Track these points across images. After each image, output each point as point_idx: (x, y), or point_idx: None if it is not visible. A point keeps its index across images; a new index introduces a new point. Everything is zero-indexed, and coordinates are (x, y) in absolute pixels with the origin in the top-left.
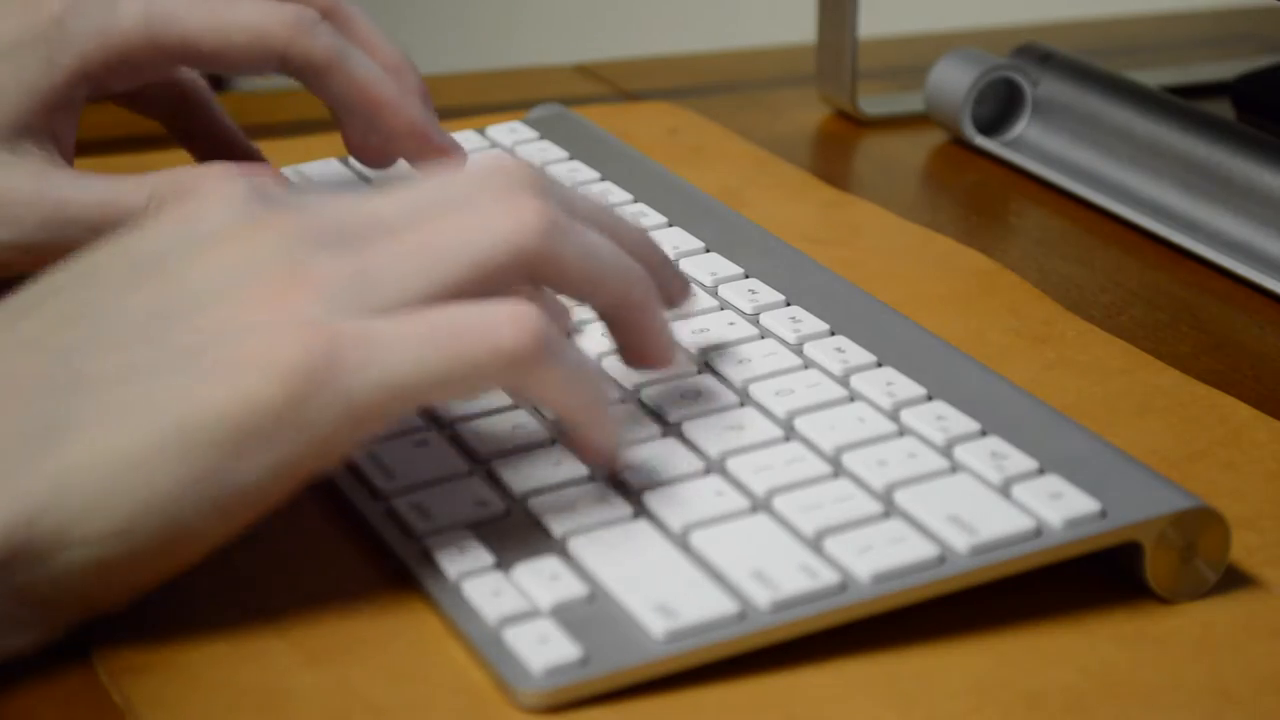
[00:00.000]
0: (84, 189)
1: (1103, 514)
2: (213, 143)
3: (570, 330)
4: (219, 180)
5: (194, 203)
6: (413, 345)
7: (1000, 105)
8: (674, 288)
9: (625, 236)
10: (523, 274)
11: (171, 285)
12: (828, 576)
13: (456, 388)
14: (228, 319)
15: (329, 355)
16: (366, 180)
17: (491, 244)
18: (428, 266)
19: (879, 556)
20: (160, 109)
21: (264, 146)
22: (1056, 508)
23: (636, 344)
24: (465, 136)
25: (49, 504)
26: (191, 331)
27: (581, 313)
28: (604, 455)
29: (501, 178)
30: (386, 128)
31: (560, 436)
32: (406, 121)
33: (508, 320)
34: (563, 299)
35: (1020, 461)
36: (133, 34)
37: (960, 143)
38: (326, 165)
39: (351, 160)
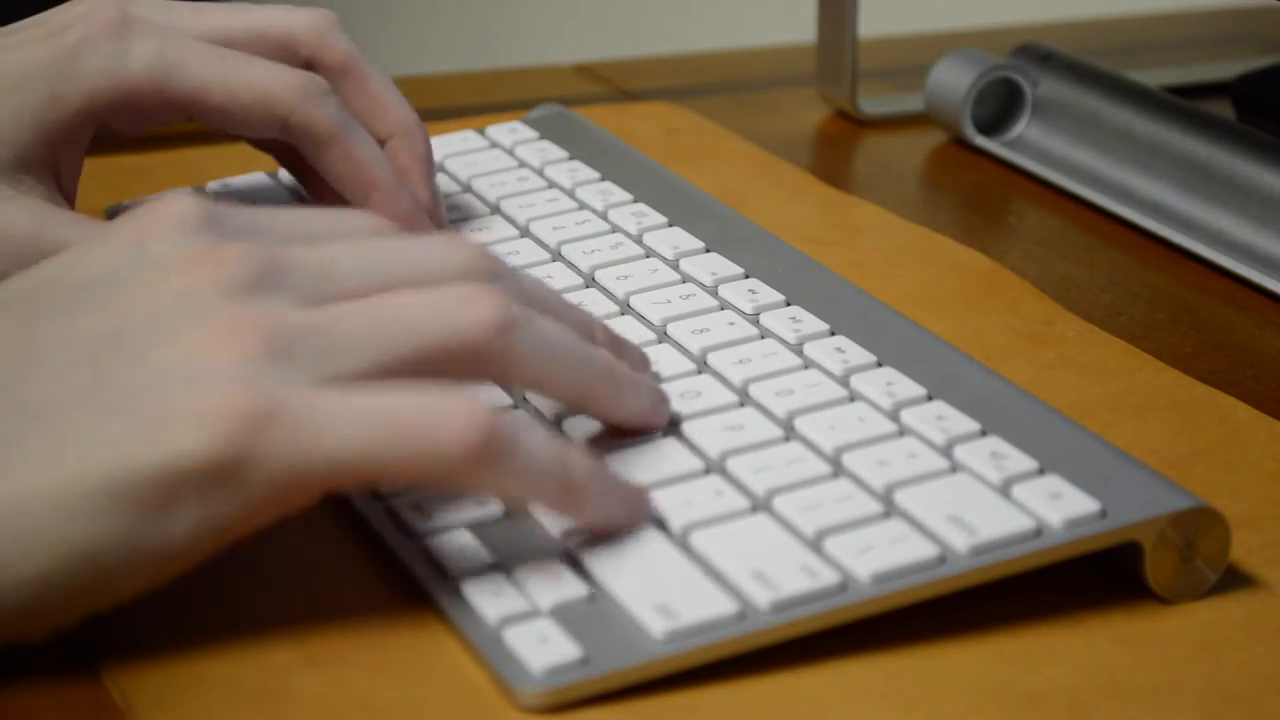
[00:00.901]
0: (83, 234)
1: (1103, 514)
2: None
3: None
4: (172, 202)
5: (145, 223)
6: (352, 428)
7: (1000, 105)
8: (629, 359)
9: (573, 319)
10: (473, 367)
11: (118, 313)
12: (828, 576)
13: (393, 476)
14: (172, 360)
15: (266, 424)
16: (299, 195)
17: (445, 331)
18: (379, 340)
19: (879, 556)
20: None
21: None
22: (1056, 508)
23: (616, 424)
24: (465, 136)
25: None
26: (134, 367)
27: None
28: (601, 527)
29: (462, 259)
30: (377, 210)
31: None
32: (396, 210)
33: (452, 420)
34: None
35: (1020, 461)
36: (141, 79)
37: (960, 143)
38: (254, 179)
39: (281, 174)
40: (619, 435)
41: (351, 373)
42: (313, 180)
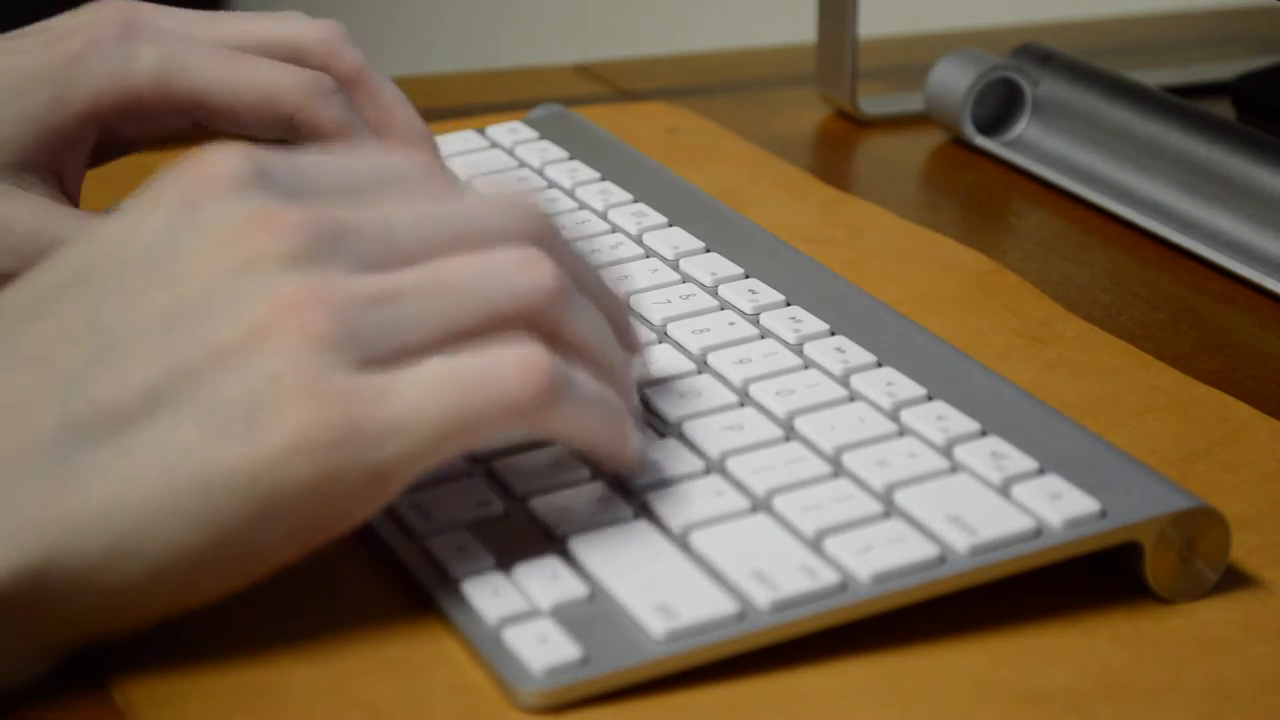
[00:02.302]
0: (85, 230)
1: (1103, 514)
2: None
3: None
4: (217, 158)
5: (193, 183)
6: (428, 407)
7: (1000, 105)
8: (630, 342)
9: (606, 300)
10: (525, 327)
11: (178, 289)
12: (828, 576)
13: (473, 441)
14: (244, 344)
15: (351, 428)
16: None
17: (505, 299)
18: (442, 312)
19: (879, 556)
20: None
21: None
22: (1056, 508)
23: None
24: (465, 136)
25: (67, 549)
26: (206, 354)
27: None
28: (624, 469)
29: (521, 222)
30: None
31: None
32: None
33: (515, 370)
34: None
35: (1020, 461)
36: (145, 81)
37: (960, 143)
38: None
39: None
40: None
41: (418, 345)
42: None
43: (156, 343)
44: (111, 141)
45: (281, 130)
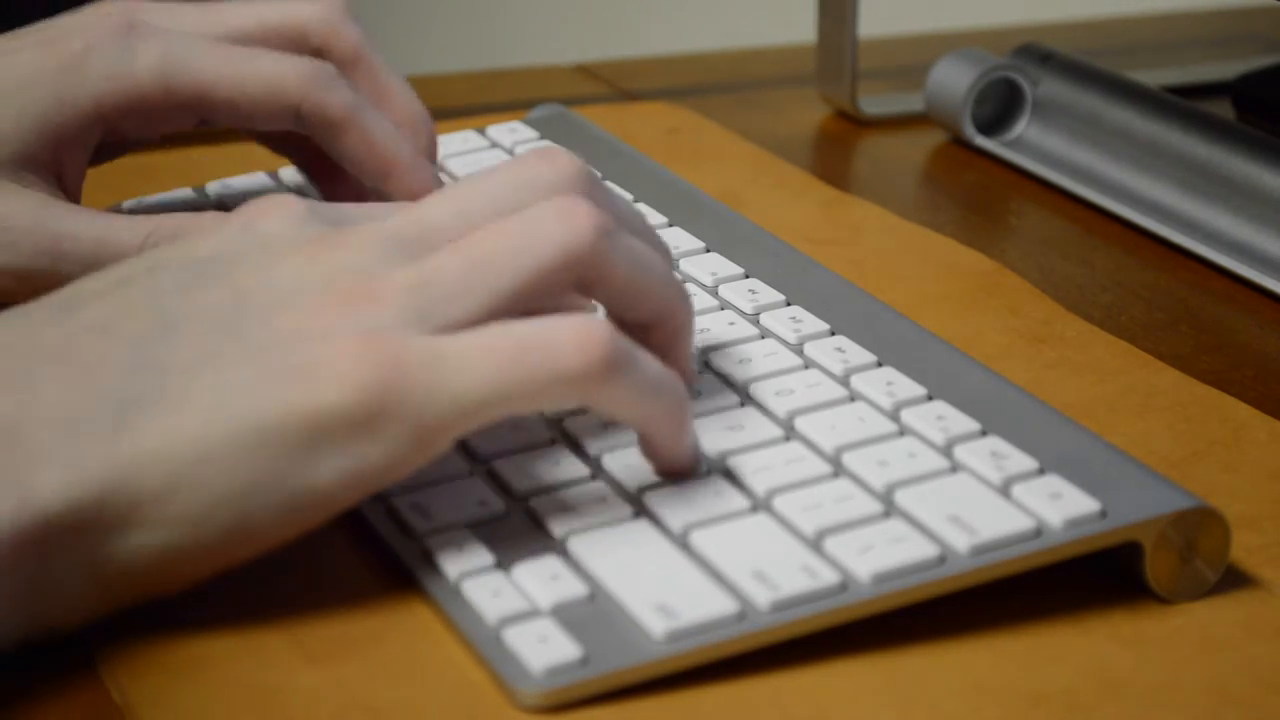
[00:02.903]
0: (82, 225)
1: (1103, 514)
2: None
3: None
4: (276, 197)
5: (254, 211)
6: (479, 367)
7: (1000, 105)
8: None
9: (655, 243)
10: (574, 278)
11: (241, 288)
12: (828, 576)
13: (523, 406)
14: (300, 323)
15: (399, 374)
16: (302, 194)
17: (547, 250)
18: (487, 278)
19: (879, 556)
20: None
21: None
22: (1056, 508)
23: (669, 362)
24: (465, 136)
25: (123, 482)
26: (264, 330)
27: None
28: (678, 465)
29: (550, 175)
30: (397, 190)
31: (639, 443)
32: (417, 186)
33: (572, 338)
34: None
35: (1020, 461)
36: (147, 81)
37: (960, 143)
38: (254, 179)
39: (282, 175)
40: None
41: (467, 316)
42: (323, 178)
43: (218, 323)
44: (115, 140)
45: (288, 121)
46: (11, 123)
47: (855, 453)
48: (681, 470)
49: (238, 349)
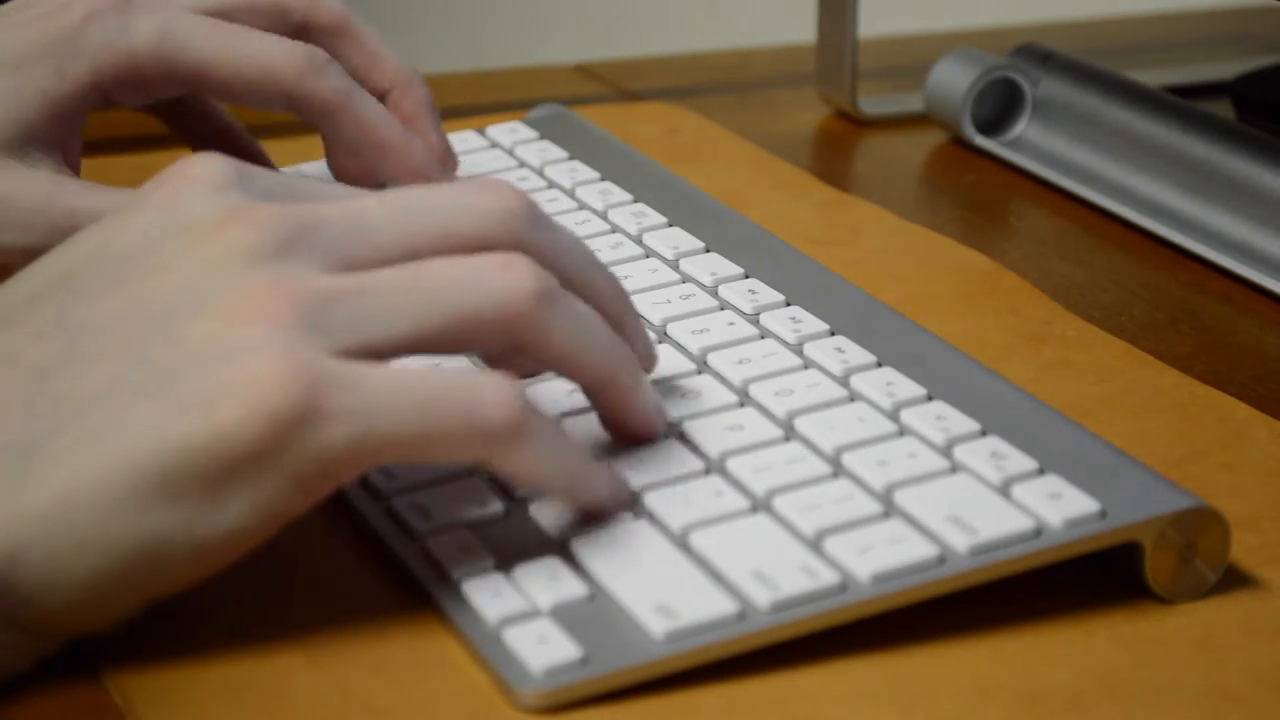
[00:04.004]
0: (94, 199)
1: (1103, 514)
2: (214, 141)
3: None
4: (200, 162)
5: (174, 186)
6: (394, 404)
7: (1000, 105)
8: (642, 348)
9: (605, 288)
10: (507, 338)
11: (151, 286)
12: (828, 576)
13: (433, 454)
14: (206, 334)
15: (309, 400)
16: None
17: (483, 299)
18: (417, 308)
19: (879, 556)
20: (162, 108)
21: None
22: (1056, 508)
23: (619, 420)
24: (465, 136)
25: (32, 543)
26: (171, 345)
27: None
28: (599, 511)
29: (496, 206)
30: (391, 170)
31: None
32: (411, 166)
33: (492, 395)
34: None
35: (1020, 461)
36: (145, 52)
37: (960, 143)
38: (320, 166)
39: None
40: (619, 440)
41: (386, 341)
42: (193, 135)
43: (123, 337)
44: (108, 109)
45: (280, 105)
46: (14, 99)
47: (855, 453)
48: (601, 513)
49: (141, 373)
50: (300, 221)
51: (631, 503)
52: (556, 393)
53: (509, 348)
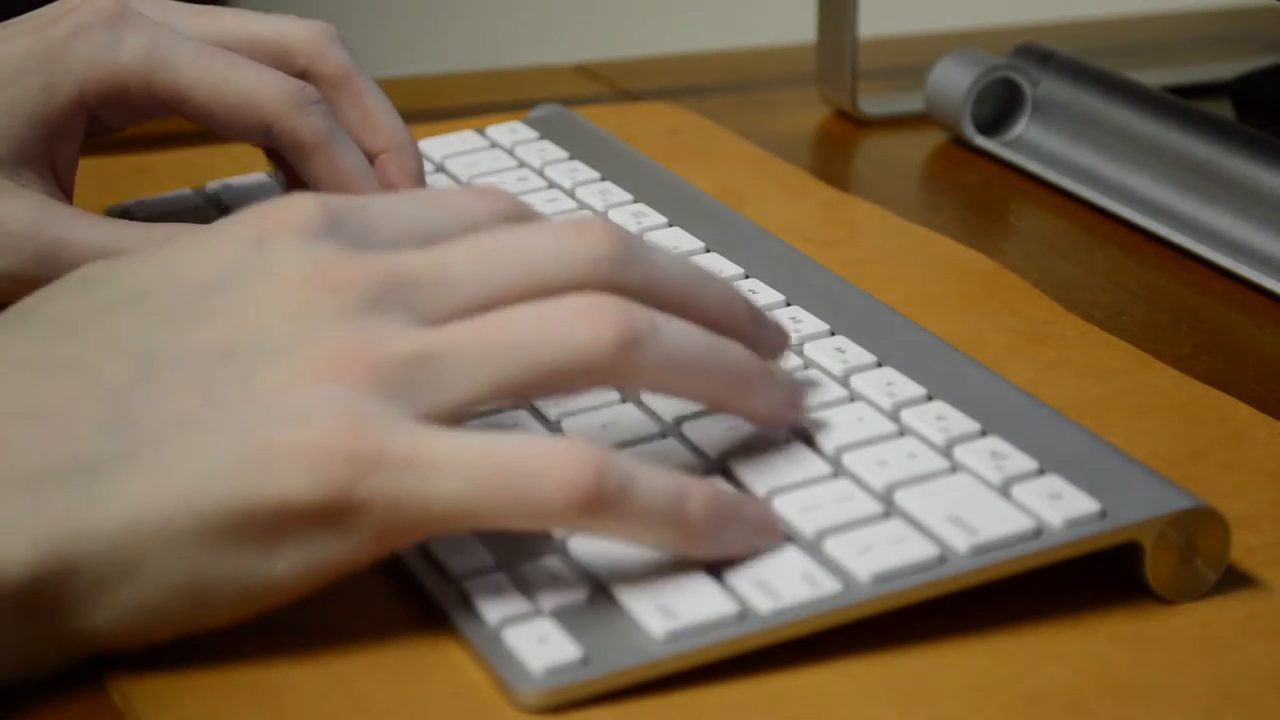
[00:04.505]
0: (84, 231)
1: (1103, 514)
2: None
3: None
4: (293, 204)
5: (266, 225)
6: (455, 482)
7: (1000, 105)
8: (769, 341)
9: (712, 302)
10: (593, 383)
11: (233, 326)
12: (828, 577)
13: (499, 524)
14: (285, 389)
15: (372, 471)
16: None
17: (560, 352)
18: (493, 366)
19: (879, 557)
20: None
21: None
22: (1056, 508)
23: (750, 419)
24: (465, 136)
25: (90, 560)
26: (247, 392)
27: None
28: (726, 557)
29: (584, 251)
30: None
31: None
32: None
33: (558, 470)
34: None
35: (1020, 461)
36: (131, 70)
37: (960, 143)
38: (254, 179)
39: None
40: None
41: (463, 400)
42: (299, 183)
43: (201, 372)
44: (98, 129)
45: (259, 137)
46: (5, 117)
47: (855, 453)
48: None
49: (215, 414)
50: (384, 279)
51: (781, 535)
52: None
53: (603, 386)
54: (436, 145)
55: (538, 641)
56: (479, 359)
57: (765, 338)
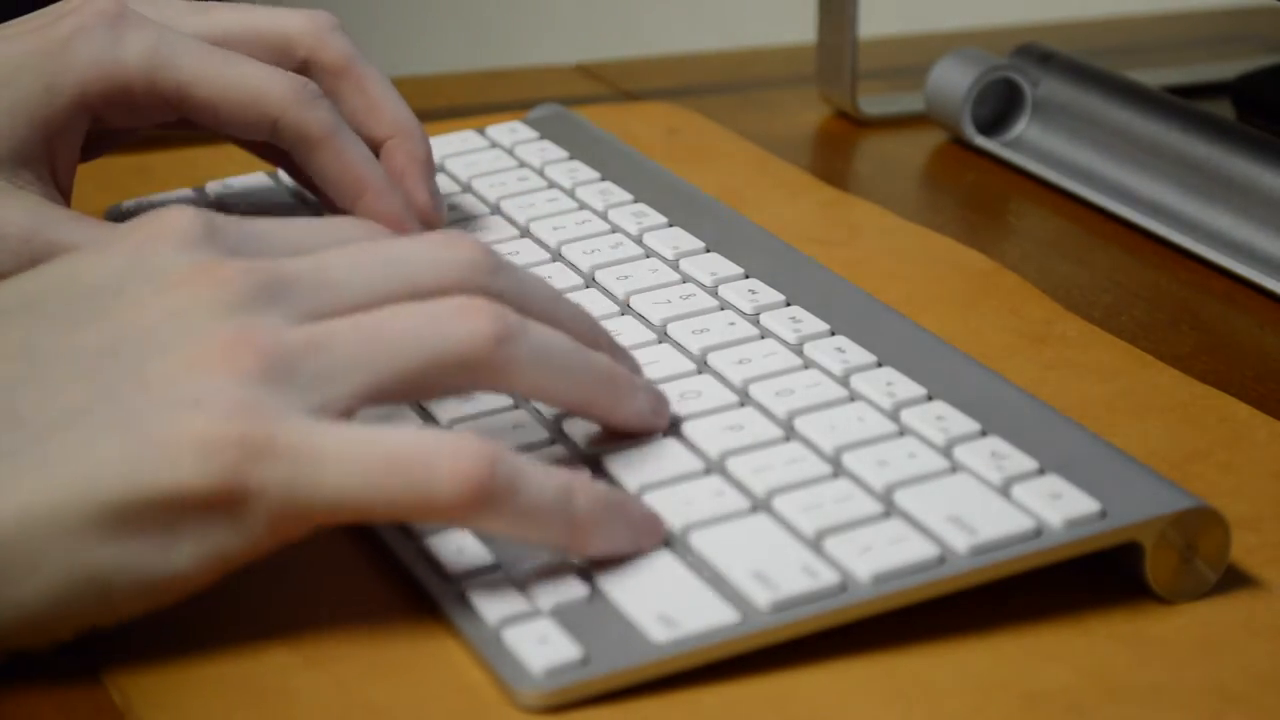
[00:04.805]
0: (79, 234)
1: (1103, 514)
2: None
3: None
4: (173, 215)
5: (147, 233)
6: (347, 472)
7: (1000, 105)
8: (626, 364)
9: (572, 316)
10: (470, 379)
11: (118, 325)
12: (828, 577)
13: (385, 518)
14: (169, 376)
15: (263, 458)
16: (299, 199)
17: (441, 345)
18: (376, 359)
19: (879, 556)
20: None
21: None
22: (1056, 508)
23: (615, 428)
24: (465, 136)
25: None
26: (135, 385)
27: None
28: (609, 557)
29: (461, 256)
30: (364, 213)
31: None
32: (387, 211)
33: (449, 462)
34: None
35: (1020, 461)
36: (134, 70)
37: (960, 143)
38: (254, 179)
39: (282, 175)
40: (618, 437)
41: (349, 394)
42: (312, 185)
43: (88, 369)
44: (101, 133)
45: (265, 133)
46: (5, 118)
47: (855, 453)
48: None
49: (105, 407)
50: (265, 278)
51: (664, 536)
52: None
53: (479, 390)
54: (436, 145)
55: (538, 641)
56: (363, 351)
57: (621, 358)
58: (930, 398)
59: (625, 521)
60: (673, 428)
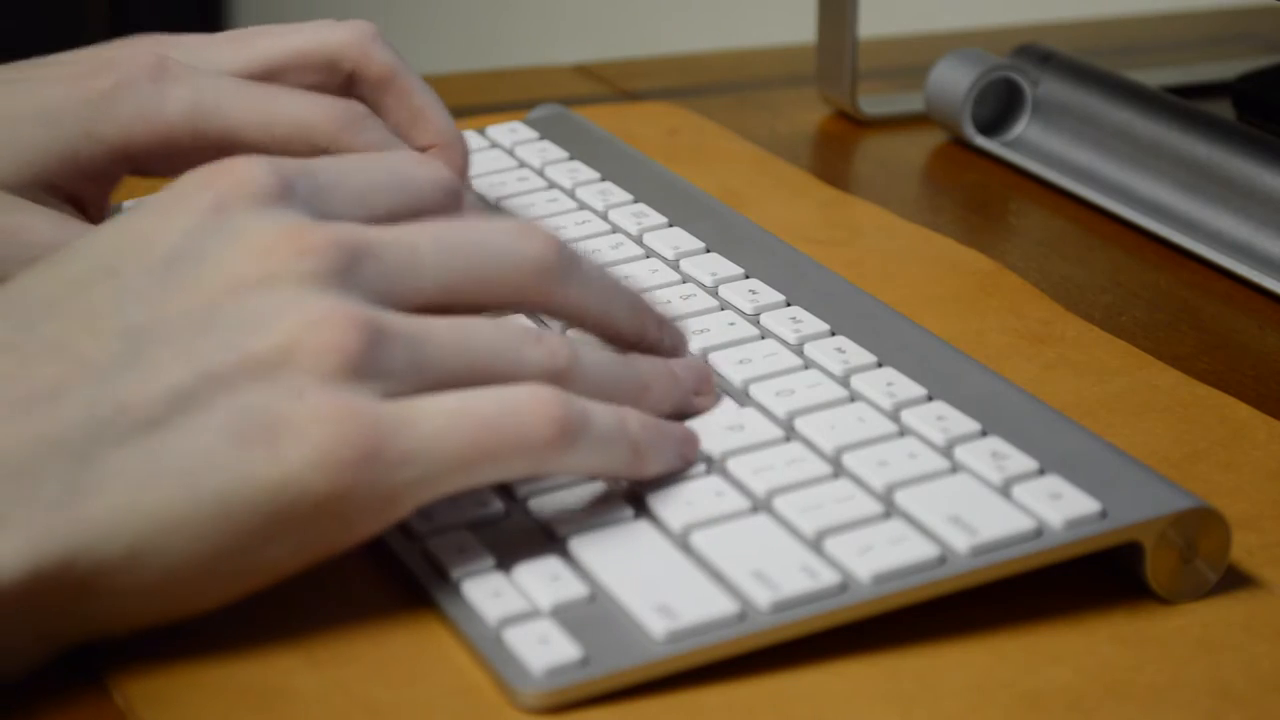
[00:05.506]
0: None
1: (1103, 514)
2: None
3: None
4: (244, 167)
5: (221, 191)
6: (449, 441)
7: (1000, 105)
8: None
9: (635, 322)
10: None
11: (207, 294)
12: (828, 577)
13: (485, 477)
14: (274, 362)
15: (372, 450)
16: None
17: (518, 361)
18: (468, 363)
19: (879, 557)
20: None
21: None
22: (1056, 508)
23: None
24: (465, 136)
25: (86, 551)
26: (237, 366)
27: None
28: (661, 474)
29: (537, 249)
30: None
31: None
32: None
33: (530, 405)
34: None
35: (1020, 461)
36: (177, 122)
37: (960, 143)
38: None
39: None
40: None
41: (437, 383)
42: None
43: (186, 346)
44: (137, 175)
45: None
46: (40, 152)
47: (855, 453)
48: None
49: (207, 388)
50: (354, 250)
51: (698, 457)
52: None
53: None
54: None
55: (538, 641)
56: (456, 355)
57: (670, 333)
58: (930, 398)
59: (671, 439)
60: None
